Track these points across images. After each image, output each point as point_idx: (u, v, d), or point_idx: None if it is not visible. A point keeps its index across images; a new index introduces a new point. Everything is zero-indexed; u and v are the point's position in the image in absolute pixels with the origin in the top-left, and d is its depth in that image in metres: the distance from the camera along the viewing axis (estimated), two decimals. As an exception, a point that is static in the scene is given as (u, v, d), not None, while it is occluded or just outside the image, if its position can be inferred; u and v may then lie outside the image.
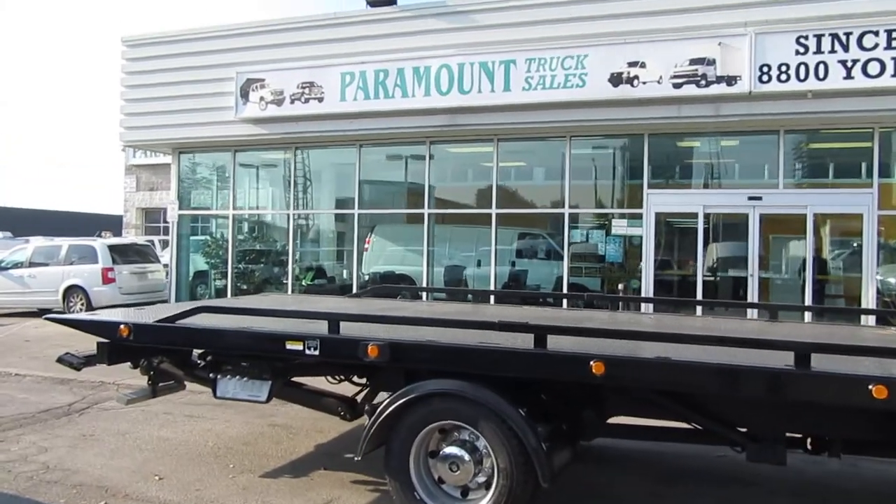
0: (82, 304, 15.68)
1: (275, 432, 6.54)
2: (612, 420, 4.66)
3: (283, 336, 4.40)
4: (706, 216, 12.21)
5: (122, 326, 4.80)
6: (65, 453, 5.88)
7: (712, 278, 12.50)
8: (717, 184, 12.80)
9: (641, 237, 12.50)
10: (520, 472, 4.00)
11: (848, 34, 10.46)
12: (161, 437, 6.38)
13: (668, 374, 3.68)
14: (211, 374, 4.89)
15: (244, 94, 14.11)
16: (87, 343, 5.32)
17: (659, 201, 12.47)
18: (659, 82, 11.44)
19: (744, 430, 4.28)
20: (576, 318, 5.88)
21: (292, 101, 13.75)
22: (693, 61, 11.29)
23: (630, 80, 11.60)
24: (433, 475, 4.33)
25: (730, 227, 12.69)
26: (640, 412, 4.53)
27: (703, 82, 11.29)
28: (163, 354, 5.37)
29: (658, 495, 5.05)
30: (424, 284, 13.92)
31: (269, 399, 4.74)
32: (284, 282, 15.45)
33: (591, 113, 12.02)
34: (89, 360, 5.34)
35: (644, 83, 11.52)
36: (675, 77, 11.35)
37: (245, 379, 4.77)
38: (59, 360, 5.42)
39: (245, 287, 15.85)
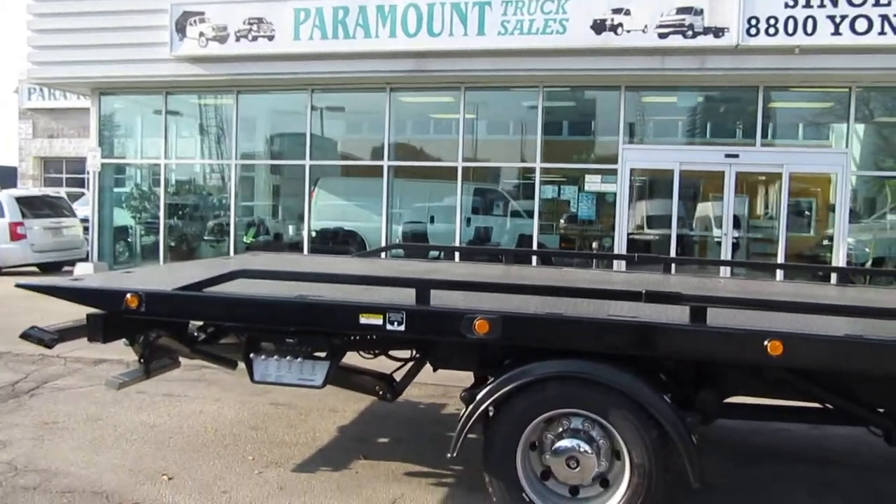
0: (-13, 264, 13.86)
1: (281, 413, 5.64)
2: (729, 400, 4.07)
3: (356, 308, 3.52)
4: (682, 173, 11.87)
5: (129, 296, 3.78)
6: (31, 448, 4.79)
7: (687, 236, 12.27)
8: (694, 141, 12.49)
9: (615, 194, 12.07)
10: (659, 469, 3.36)
11: (837, -13, 10.21)
12: (145, 423, 5.35)
13: (858, 354, 3.09)
14: (251, 355, 3.93)
15: (180, 29, 12.58)
16: (46, 311, 4.23)
17: (634, 157, 12.05)
18: (644, 31, 10.88)
19: (881, 410, 3.79)
20: (681, 282, 5.16)
21: (237, 39, 12.37)
22: (680, 10, 10.78)
23: (614, 28, 10.98)
24: (536, 471, 3.63)
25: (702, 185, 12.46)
26: (761, 391, 3.96)
27: (689, 33, 10.80)
28: (162, 328, 4.37)
29: (754, 478, 4.54)
30: (383, 242, 13.01)
31: (324, 384, 3.86)
32: (224, 239, 14.17)
33: (570, 62, 11.35)
34: (64, 335, 4.25)
35: (628, 32, 10.93)
36: (661, 27, 10.81)
37: (293, 359, 3.86)
38: (25, 336, 4.26)
39: (178, 245, 14.47)
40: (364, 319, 3.50)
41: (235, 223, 13.81)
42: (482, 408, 3.48)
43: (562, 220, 12.66)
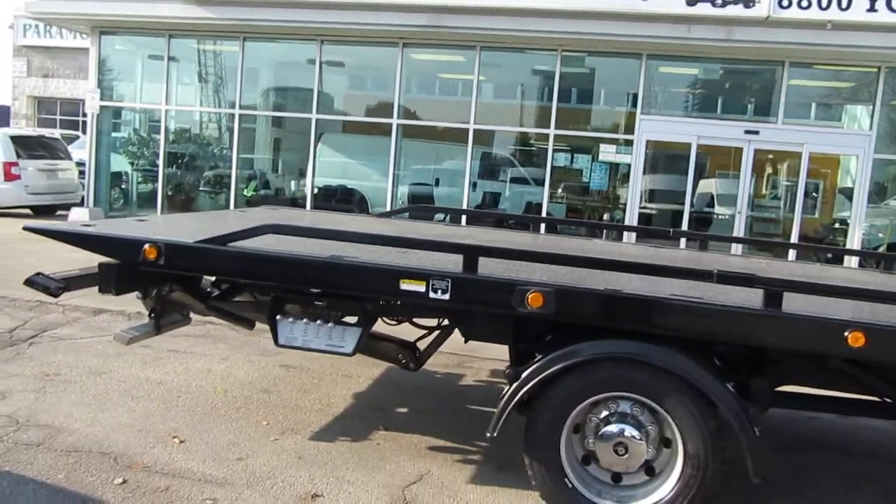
0: (-22, 205, 13.45)
1: (293, 376, 5.40)
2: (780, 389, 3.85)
3: (398, 272, 3.25)
4: (699, 147, 11.59)
5: (147, 246, 3.48)
6: (33, 401, 4.53)
7: (700, 213, 12.02)
8: (713, 115, 12.17)
9: (630, 165, 11.78)
10: (716, 461, 3.15)
11: (879, -39, 9.84)
12: (151, 379, 5.10)
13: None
14: (276, 317, 3.66)
15: (188, -32, 12.05)
16: (42, 255, 3.95)
17: (651, 128, 11.75)
18: (672, -2, 10.49)
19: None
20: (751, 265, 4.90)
21: (247, -18, 11.87)
22: (711, -23, 10.38)
23: (641, -7, 10.57)
24: (577, 455, 3.41)
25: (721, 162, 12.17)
26: (816, 381, 3.74)
27: (718, 2, 10.44)
28: (175, 283, 4.09)
29: (790, 467, 4.36)
30: (388, 202, 12.70)
31: (355, 352, 3.61)
32: (223, 191, 13.81)
33: (592, 25, 10.97)
34: (70, 284, 3.95)
35: (656, -3, 10.54)
36: (690, -7, 10.42)
37: (322, 324, 3.60)
38: (30, 283, 3.96)
39: (175, 194, 14.10)
40: (405, 285, 3.23)
41: (236, 175, 13.42)
42: (528, 387, 3.24)
43: (573, 190, 12.36)
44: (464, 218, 10.80)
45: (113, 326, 6.43)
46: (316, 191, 13.35)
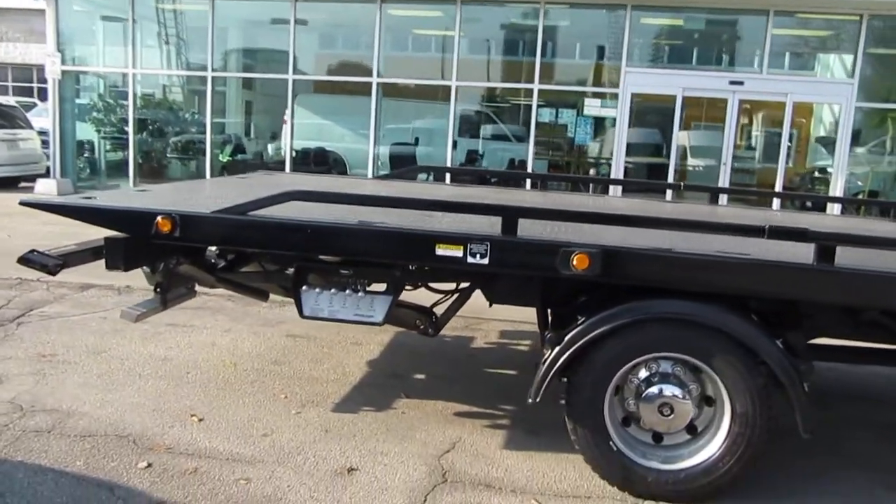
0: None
1: (302, 346, 5.24)
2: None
3: (433, 237, 3.10)
4: (684, 99, 11.50)
5: (160, 218, 3.27)
6: (33, 385, 4.32)
7: (686, 166, 11.99)
8: (698, 67, 12.06)
9: (615, 119, 11.66)
10: (763, 418, 3.10)
11: None
12: (155, 356, 4.91)
13: None
14: (301, 287, 3.49)
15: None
16: (13, 229, 3.72)
17: (636, 81, 11.61)
18: (656, -55, 10.28)
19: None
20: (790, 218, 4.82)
21: (214, -65, 11.33)
22: (695, -77, 10.18)
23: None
24: (618, 417, 3.34)
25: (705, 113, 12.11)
26: (848, 333, 3.71)
27: (703, -51, 10.24)
28: (182, 255, 3.90)
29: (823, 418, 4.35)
30: (369, 164, 12.45)
31: (385, 321, 3.47)
32: (197, 157, 13.40)
33: (576, -24, 10.71)
34: (68, 260, 3.73)
35: (639, -56, 10.31)
36: (675, -60, 10.21)
37: (349, 293, 3.44)
38: (25, 261, 3.72)
39: (147, 162, 13.64)
40: (441, 251, 3.09)
41: (211, 140, 13.01)
42: (572, 350, 3.13)
43: (557, 146, 12.22)
44: (447, 176, 10.63)
45: (103, 302, 6.20)
46: (294, 154, 13.01)
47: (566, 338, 3.16)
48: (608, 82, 11.79)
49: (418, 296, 4.15)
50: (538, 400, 3.20)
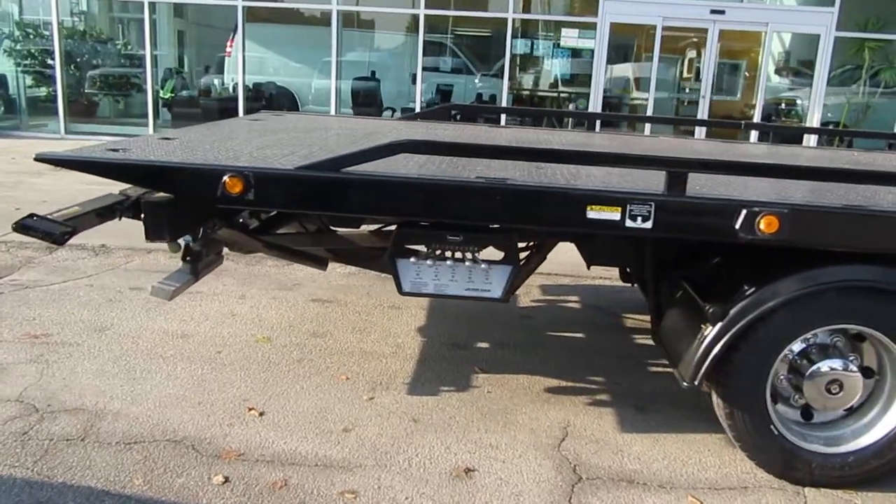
0: None
1: (336, 313, 4.64)
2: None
3: (585, 197, 2.54)
4: (664, 29, 11.06)
5: (228, 177, 2.59)
6: (39, 376, 3.58)
7: (665, 97, 11.65)
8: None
9: (593, 51, 11.14)
10: (948, 392, 2.76)
11: None
12: (169, 332, 4.21)
13: None
14: (396, 258, 2.89)
15: None
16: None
17: (615, 10, 11.06)
18: None
19: None
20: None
21: None
22: None
23: None
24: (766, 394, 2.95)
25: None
26: None
27: None
28: (219, 217, 3.23)
29: None
30: (332, 100, 11.56)
31: (506, 296, 2.92)
32: (134, 93, 12.15)
33: None
34: (78, 226, 3.00)
35: None
36: None
37: (459, 264, 2.87)
38: (23, 228, 2.94)
39: (78, 99, 12.29)
40: (593, 213, 2.54)
41: (152, 75, 11.76)
42: (741, 325, 2.69)
43: (534, 79, 11.63)
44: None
45: (82, 266, 5.38)
46: (248, 92, 11.95)
47: (731, 312, 2.71)
48: (585, 11, 11.19)
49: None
50: (696, 384, 2.75)
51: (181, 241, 3.29)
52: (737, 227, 2.51)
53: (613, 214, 2.54)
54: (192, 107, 12.00)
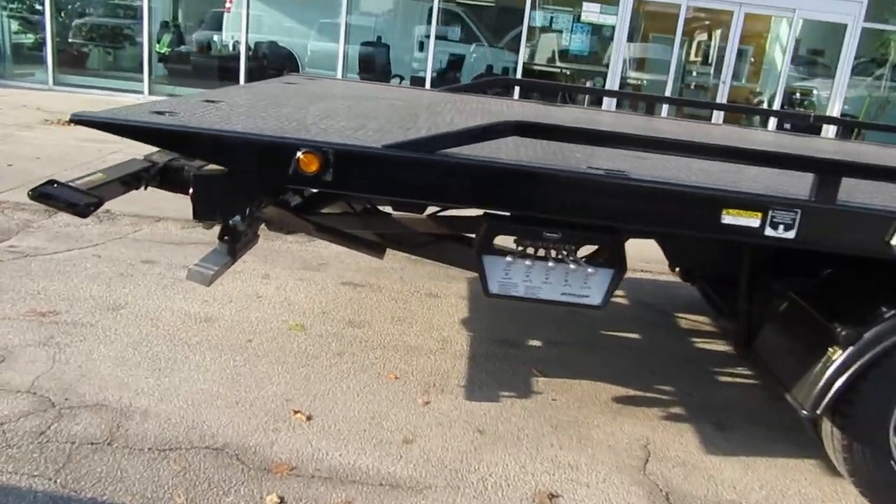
0: None
1: (370, 300, 4.27)
2: None
3: (720, 198, 2.20)
4: (689, 9, 10.68)
5: (302, 154, 2.21)
6: (51, 363, 3.18)
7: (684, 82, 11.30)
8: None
9: (614, 28, 10.73)
10: None
11: None
12: (192, 315, 3.82)
13: None
14: (484, 254, 2.53)
15: None
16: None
17: (640, -13, 10.63)
18: None
19: None
20: None
21: None
22: None
23: None
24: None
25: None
26: None
27: None
28: (265, 195, 2.86)
29: None
30: (339, 65, 11.05)
31: (605, 303, 2.58)
32: (130, 45, 11.53)
33: None
34: (104, 196, 2.60)
35: None
36: None
37: (555, 264, 2.52)
38: (43, 197, 2.54)
39: (67, 49, 11.63)
40: (729, 218, 2.20)
41: (149, 27, 11.14)
42: (875, 352, 2.38)
43: (550, 54, 11.20)
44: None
45: (86, 233, 4.95)
46: (250, 51, 11.39)
47: (866, 336, 2.39)
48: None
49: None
50: (819, 413, 2.45)
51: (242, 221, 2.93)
52: (892, 242, 2.18)
53: (752, 221, 2.20)
54: (189, 63, 11.43)
